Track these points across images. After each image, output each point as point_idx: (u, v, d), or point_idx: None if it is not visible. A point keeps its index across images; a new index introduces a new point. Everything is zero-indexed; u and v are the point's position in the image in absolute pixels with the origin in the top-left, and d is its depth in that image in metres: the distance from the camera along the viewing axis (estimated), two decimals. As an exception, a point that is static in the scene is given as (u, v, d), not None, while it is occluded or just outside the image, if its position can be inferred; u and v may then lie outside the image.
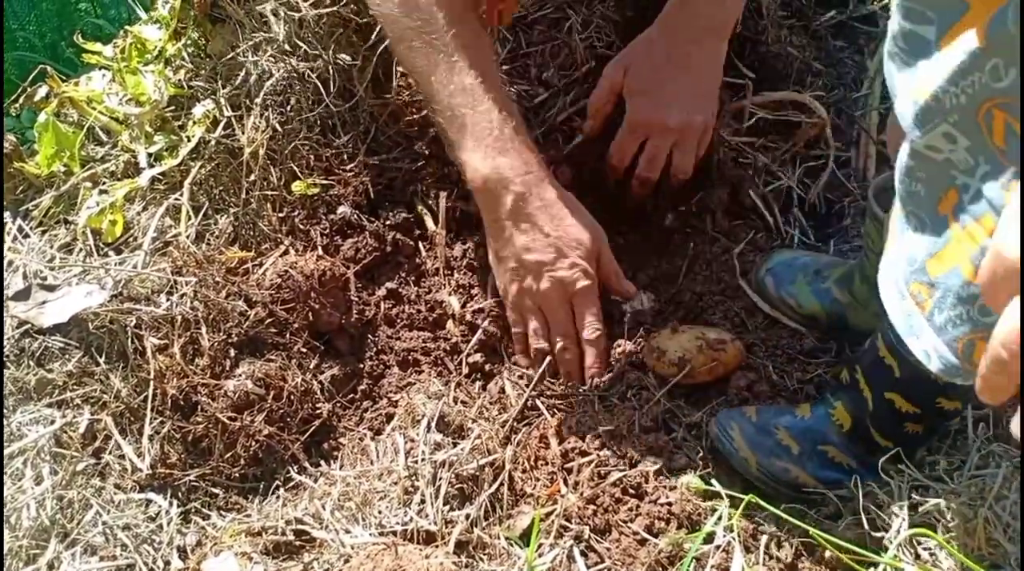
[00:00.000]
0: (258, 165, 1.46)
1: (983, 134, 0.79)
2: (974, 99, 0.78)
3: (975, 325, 0.85)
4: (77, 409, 1.29)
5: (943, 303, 0.87)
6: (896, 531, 1.07)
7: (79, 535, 1.19)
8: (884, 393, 1.12)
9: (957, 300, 0.85)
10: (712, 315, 1.43)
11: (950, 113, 0.79)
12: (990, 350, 0.65)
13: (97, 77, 1.59)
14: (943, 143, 0.83)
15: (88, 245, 1.42)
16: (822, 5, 1.80)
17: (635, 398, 1.31)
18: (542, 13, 1.56)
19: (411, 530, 1.12)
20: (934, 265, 0.88)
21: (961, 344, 0.87)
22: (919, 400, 1.11)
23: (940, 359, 0.90)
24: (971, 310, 0.84)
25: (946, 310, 0.87)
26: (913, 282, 0.91)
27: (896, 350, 1.08)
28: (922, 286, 0.90)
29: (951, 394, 1.09)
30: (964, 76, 0.77)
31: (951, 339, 0.88)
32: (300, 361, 1.37)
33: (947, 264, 0.85)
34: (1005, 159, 0.77)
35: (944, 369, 0.90)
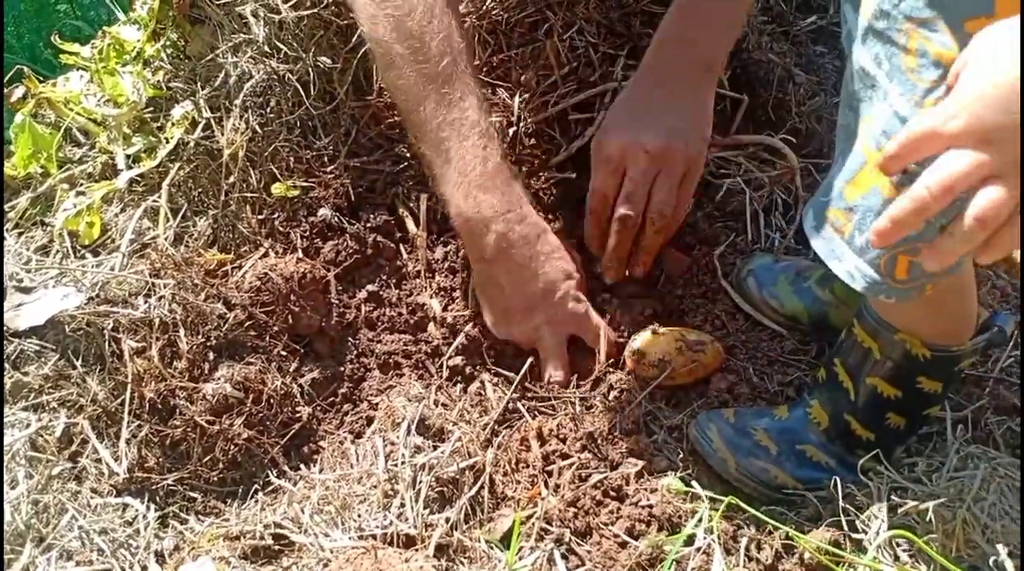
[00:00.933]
0: (237, 167, 1.45)
1: (898, 55, 0.83)
2: (898, 19, 0.81)
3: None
4: (53, 412, 1.28)
5: (863, 224, 0.91)
6: (875, 532, 1.08)
7: (55, 540, 1.17)
8: (866, 379, 1.13)
9: (876, 218, 0.87)
10: (694, 317, 1.43)
11: (880, 33, 0.83)
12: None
13: (75, 78, 1.57)
14: (872, 65, 0.86)
15: (65, 247, 1.41)
16: (802, 10, 1.81)
17: (616, 400, 1.31)
18: (523, 15, 1.56)
19: (391, 534, 1.11)
20: (851, 190, 0.92)
21: (883, 261, 0.92)
22: (900, 381, 1.12)
23: (864, 277, 0.95)
24: None
25: (866, 231, 0.91)
26: (831, 209, 0.96)
27: (872, 329, 1.10)
28: (839, 212, 0.94)
29: (931, 374, 1.10)
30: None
31: (872, 258, 0.92)
32: (280, 364, 1.37)
33: (865, 186, 0.90)
34: (916, 77, 0.81)
35: (868, 287, 0.95)
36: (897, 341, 1.08)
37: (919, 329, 1.07)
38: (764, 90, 1.65)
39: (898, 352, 1.09)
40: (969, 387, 1.28)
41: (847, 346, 1.16)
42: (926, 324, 1.07)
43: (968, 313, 1.10)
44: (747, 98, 1.62)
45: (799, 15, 1.78)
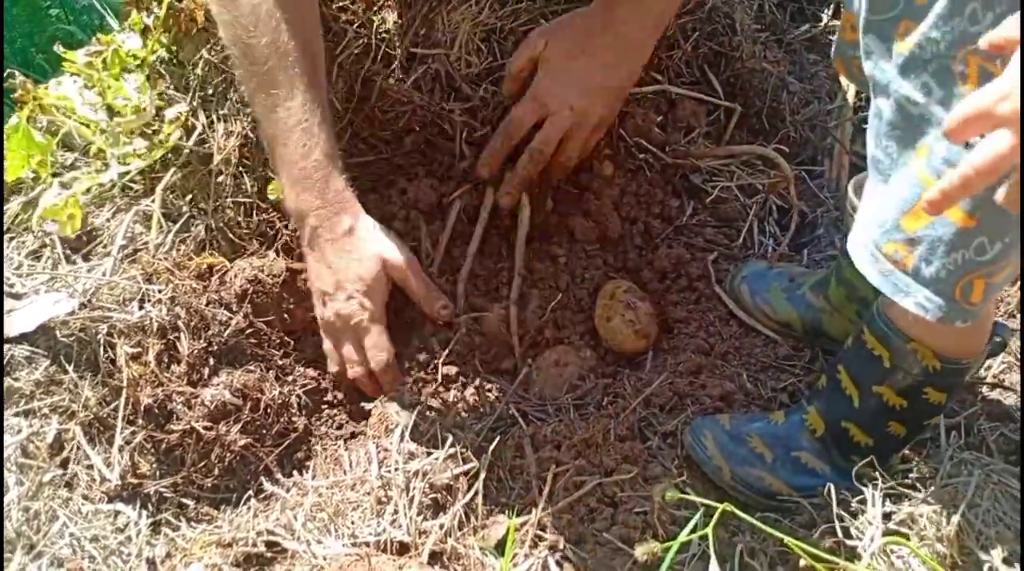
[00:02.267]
0: (230, 172, 1.45)
1: (956, 84, 0.83)
2: (952, 45, 0.81)
3: (970, 266, 0.89)
4: (44, 418, 1.27)
5: (931, 255, 0.90)
6: (870, 539, 1.07)
7: (45, 547, 1.17)
8: (872, 387, 1.12)
9: (949, 248, 0.89)
10: (687, 325, 1.43)
11: (930, 62, 0.82)
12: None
13: (67, 83, 1.57)
14: (920, 95, 0.86)
15: (56, 253, 1.40)
16: (795, 19, 1.81)
17: (611, 407, 1.31)
18: (516, 23, 1.56)
19: (384, 540, 1.11)
20: (910, 221, 0.91)
21: (959, 287, 0.91)
22: (908, 391, 1.11)
23: (938, 308, 0.93)
24: (966, 253, 0.88)
25: (936, 261, 0.90)
26: (886, 242, 0.94)
27: (885, 337, 1.09)
28: (898, 245, 0.93)
29: (939, 385, 1.10)
30: (946, 22, 0.81)
31: (946, 287, 0.91)
32: (278, 373, 1.37)
33: (927, 217, 0.89)
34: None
35: (944, 316, 0.94)
36: (909, 350, 1.07)
37: (934, 340, 1.06)
38: (758, 99, 1.65)
39: (909, 362, 1.08)
40: (962, 393, 1.29)
41: (854, 353, 1.15)
42: (943, 335, 1.06)
43: (987, 327, 1.10)
44: (740, 107, 1.62)
45: (792, 24, 1.79)
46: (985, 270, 0.90)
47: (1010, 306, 1.40)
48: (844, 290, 1.31)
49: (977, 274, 0.90)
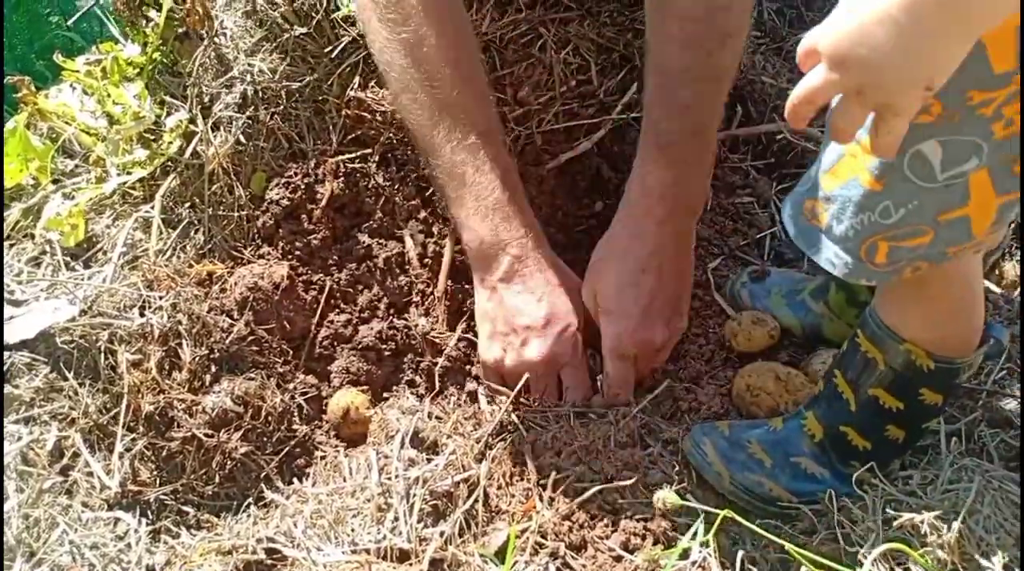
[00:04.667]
0: (227, 178, 1.46)
1: None
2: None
3: (876, 228, 0.93)
4: (44, 425, 1.26)
5: (842, 214, 0.95)
6: (871, 546, 1.07)
7: (45, 554, 1.16)
8: (868, 390, 1.13)
9: (857, 209, 0.93)
10: (688, 330, 1.43)
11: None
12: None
13: (67, 90, 1.57)
14: None
15: (56, 259, 1.40)
16: (795, 26, 1.82)
17: (611, 413, 1.31)
18: (516, 32, 1.56)
19: (384, 548, 1.10)
20: (828, 180, 0.96)
21: (864, 248, 0.95)
22: (903, 392, 1.11)
23: (844, 265, 0.98)
24: (871, 215, 0.93)
25: (846, 220, 0.95)
26: (808, 199, 0.99)
27: (878, 339, 1.10)
28: (816, 202, 0.98)
29: (934, 386, 1.10)
30: None
31: (853, 246, 0.96)
32: (279, 381, 1.37)
33: (843, 177, 0.93)
34: None
35: (849, 272, 0.98)
36: (902, 351, 1.08)
37: (926, 339, 1.07)
38: (755, 109, 1.66)
39: (903, 362, 1.09)
40: (962, 400, 1.28)
41: (849, 357, 1.15)
42: (932, 333, 1.07)
43: (976, 325, 1.10)
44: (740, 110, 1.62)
45: (792, 31, 1.79)
46: (889, 233, 0.93)
47: (1011, 312, 1.40)
48: (844, 295, 1.31)
49: (881, 236, 0.94)
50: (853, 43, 0.72)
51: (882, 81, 0.72)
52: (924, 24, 0.69)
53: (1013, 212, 0.93)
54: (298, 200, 1.49)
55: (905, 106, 0.74)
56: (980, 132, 0.84)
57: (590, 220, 1.57)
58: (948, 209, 0.91)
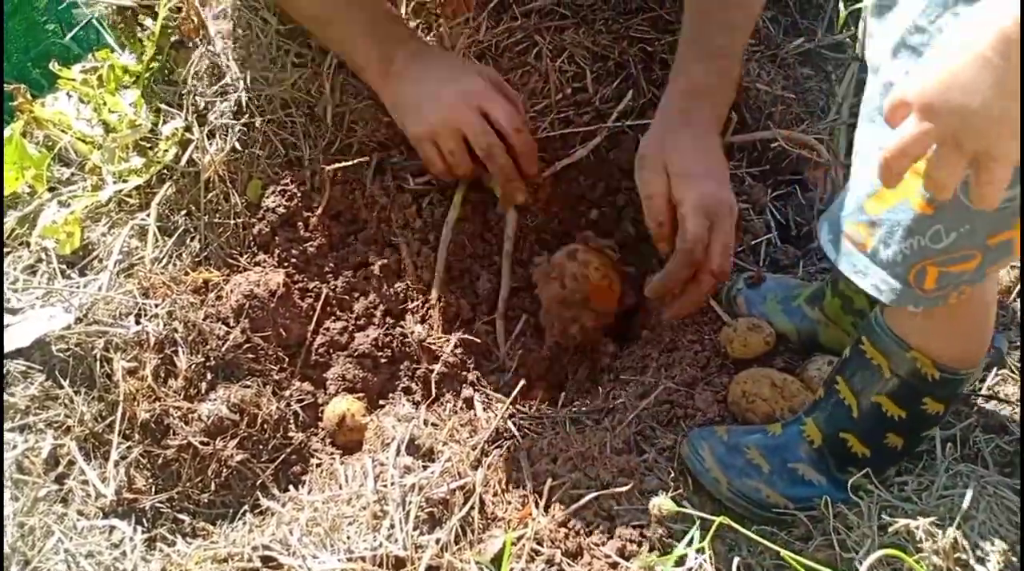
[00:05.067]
0: (223, 185, 1.46)
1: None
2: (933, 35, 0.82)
3: (926, 253, 0.91)
4: (40, 433, 1.26)
5: (890, 238, 0.93)
6: (866, 552, 1.07)
7: (40, 563, 1.16)
8: (872, 397, 1.12)
9: (907, 233, 0.91)
10: (684, 335, 1.43)
11: (915, 48, 0.84)
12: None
13: (63, 99, 1.58)
14: (900, 79, 0.86)
15: (52, 267, 1.40)
16: (789, 33, 1.82)
17: (607, 419, 1.31)
18: (511, 40, 1.57)
19: (380, 555, 1.10)
20: (874, 204, 0.93)
21: (913, 273, 0.93)
22: (907, 401, 1.11)
23: (892, 291, 0.96)
24: (922, 240, 0.90)
25: (893, 245, 0.93)
26: (849, 223, 0.97)
27: (884, 345, 1.09)
28: (860, 226, 0.96)
29: (937, 395, 1.10)
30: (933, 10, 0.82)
31: (902, 271, 0.94)
32: (275, 389, 1.36)
33: (891, 200, 0.91)
34: None
35: (896, 299, 0.96)
36: (908, 359, 1.07)
37: (933, 349, 1.06)
38: (751, 116, 1.66)
39: (908, 371, 1.08)
40: (957, 405, 1.29)
41: (852, 363, 1.15)
42: (942, 344, 1.06)
43: (986, 338, 1.10)
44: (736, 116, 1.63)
45: (786, 38, 1.79)
46: (939, 258, 0.91)
47: (1005, 318, 1.40)
48: (839, 302, 1.31)
49: (931, 261, 0.92)
50: (944, 88, 0.70)
51: (978, 126, 0.70)
52: (1013, 62, 0.67)
53: None
54: (294, 208, 1.49)
55: (1005, 151, 0.71)
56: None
57: (585, 230, 1.57)
58: (998, 231, 0.89)
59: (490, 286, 1.51)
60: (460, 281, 1.53)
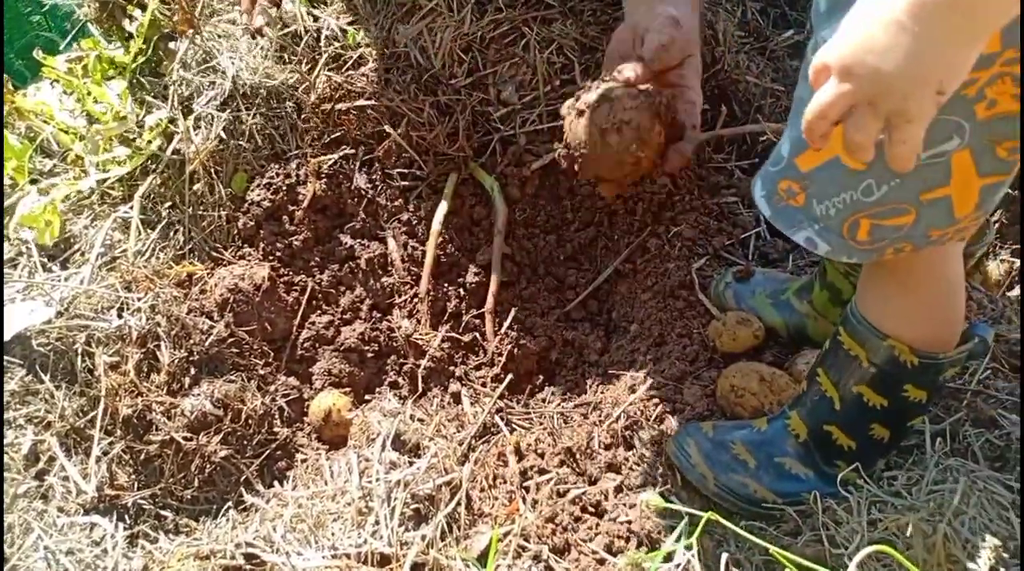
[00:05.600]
0: (207, 178, 1.44)
1: None
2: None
3: (858, 206, 0.93)
4: (20, 429, 1.25)
5: (822, 193, 0.95)
6: (856, 548, 1.06)
7: (19, 561, 1.14)
8: (852, 387, 1.12)
9: (839, 187, 0.93)
10: (672, 329, 1.42)
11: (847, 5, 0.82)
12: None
13: (46, 89, 1.55)
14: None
15: (33, 261, 1.38)
16: (779, 26, 1.81)
17: (595, 414, 1.30)
18: (498, 31, 1.55)
19: (365, 552, 1.09)
20: (806, 160, 0.95)
21: (846, 225, 0.95)
22: (887, 389, 1.11)
23: (826, 242, 0.98)
24: (854, 194, 0.93)
25: (826, 199, 0.95)
26: (781, 179, 0.98)
27: (860, 335, 1.09)
28: (791, 182, 0.97)
29: (918, 382, 1.09)
30: None
31: (835, 224, 0.96)
32: (260, 383, 1.35)
33: (822, 156, 0.93)
34: None
35: (831, 250, 0.98)
36: (885, 347, 1.07)
37: (908, 334, 1.07)
38: (740, 109, 1.65)
39: (886, 358, 1.08)
40: (947, 400, 1.28)
41: (831, 355, 1.15)
42: (914, 328, 1.07)
43: (957, 318, 1.10)
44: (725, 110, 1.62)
45: (776, 30, 1.78)
46: (871, 210, 0.93)
47: (995, 312, 1.40)
48: (828, 294, 1.30)
49: (863, 214, 0.94)
50: (860, 51, 0.72)
51: (892, 87, 0.72)
52: (932, 28, 0.68)
53: (997, 196, 0.93)
54: (280, 201, 1.47)
55: (918, 112, 0.73)
56: (962, 112, 0.84)
57: (574, 223, 1.56)
58: (930, 188, 0.90)
59: (478, 280, 1.49)
60: (448, 275, 1.51)
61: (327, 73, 1.51)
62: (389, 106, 1.49)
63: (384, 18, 1.55)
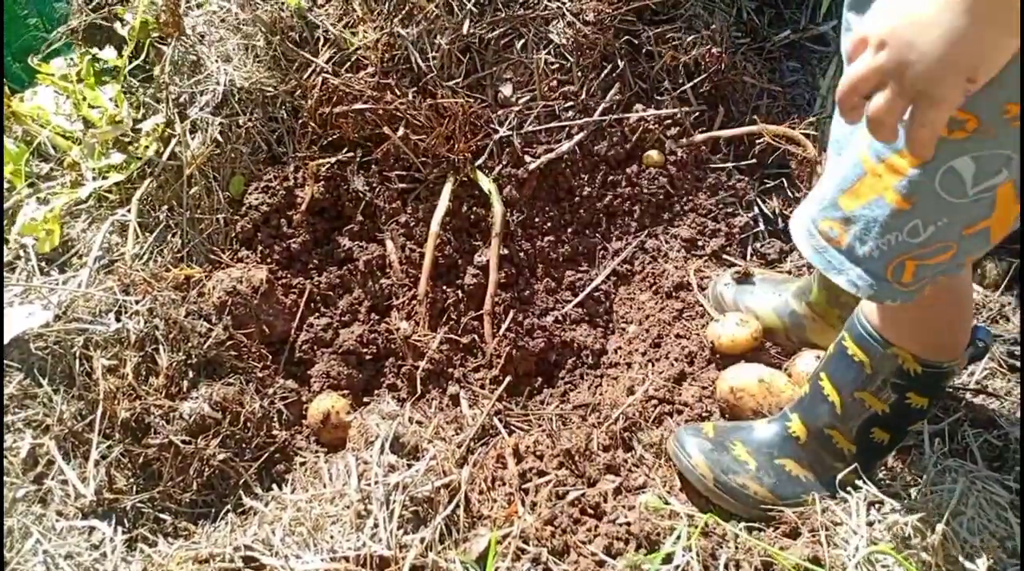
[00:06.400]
0: (205, 182, 1.44)
1: None
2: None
3: (903, 248, 0.90)
4: (18, 433, 1.24)
5: (866, 235, 0.92)
6: (854, 549, 1.07)
7: (18, 565, 1.14)
8: (854, 393, 1.12)
9: (883, 229, 0.90)
10: (671, 330, 1.42)
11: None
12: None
13: (43, 93, 1.55)
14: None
15: (31, 265, 1.38)
16: (774, 25, 1.81)
17: (594, 415, 1.30)
18: (496, 33, 1.55)
19: (364, 555, 1.09)
20: (848, 200, 0.92)
21: (891, 268, 0.93)
22: (890, 396, 1.10)
23: (869, 286, 0.95)
24: (899, 235, 0.90)
25: (870, 241, 0.92)
26: (823, 219, 0.96)
27: (865, 342, 1.09)
28: (834, 223, 0.94)
29: (921, 390, 1.09)
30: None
31: (878, 266, 0.93)
32: (258, 386, 1.35)
33: (865, 196, 0.90)
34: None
35: (874, 294, 0.95)
36: (889, 355, 1.07)
37: (913, 344, 1.06)
38: (737, 109, 1.65)
39: (890, 367, 1.08)
40: (945, 400, 1.28)
41: (835, 360, 1.14)
42: (921, 338, 1.06)
43: (964, 328, 1.09)
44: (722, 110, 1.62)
45: (772, 30, 1.79)
46: (916, 252, 0.91)
47: (992, 311, 1.40)
48: (826, 295, 1.30)
49: (909, 256, 0.91)
50: (901, 23, 0.70)
51: (924, 63, 0.70)
52: (974, 7, 0.67)
53: None
54: (277, 204, 1.47)
55: (944, 95, 0.71)
56: (1012, 144, 0.82)
57: (572, 224, 1.56)
58: (974, 222, 0.88)
59: (476, 281, 1.49)
60: (446, 277, 1.51)
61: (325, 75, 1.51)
62: (387, 109, 1.48)
63: (383, 19, 1.55)
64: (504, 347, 1.45)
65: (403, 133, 1.49)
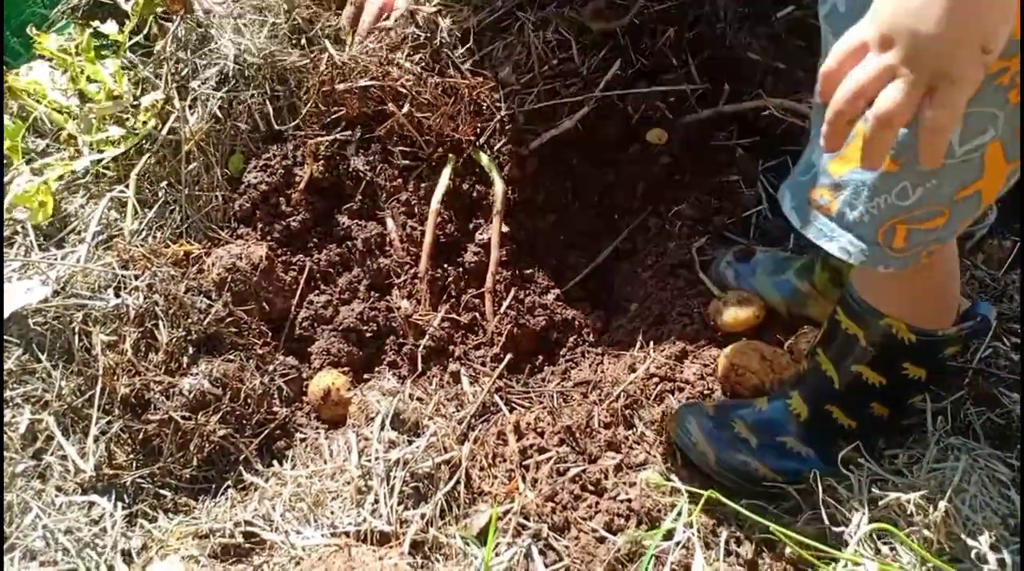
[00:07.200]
0: (203, 158, 1.43)
1: None
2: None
3: (893, 211, 0.89)
4: (17, 408, 1.24)
5: (855, 199, 0.91)
6: (856, 526, 1.06)
7: (18, 539, 1.14)
8: (851, 367, 1.12)
9: (872, 192, 0.89)
10: (672, 308, 1.41)
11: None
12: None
13: (39, 68, 1.54)
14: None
15: (28, 240, 1.37)
16: (779, 1, 1.79)
17: (595, 392, 1.29)
18: (493, 16, 1.54)
19: (364, 530, 1.09)
20: (837, 165, 0.91)
21: (881, 232, 0.92)
22: (886, 367, 1.10)
23: (861, 252, 0.94)
24: (888, 198, 0.89)
25: (859, 205, 0.91)
26: (812, 188, 0.95)
27: (857, 314, 1.08)
28: (824, 190, 0.94)
29: (916, 360, 1.09)
30: None
31: (869, 231, 0.92)
32: (258, 362, 1.34)
33: (854, 160, 0.89)
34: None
35: (867, 260, 0.94)
36: (883, 326, 1.07)
37: (904, 313, 1.06)
38: (741, 85, 1.63)
39: (884, 337, 1.07)
40: (948, 378, 1.28)
41: (830, 334, 1.14)
42: (911, 307, 1.06)
43: (952, 295, 1.09)
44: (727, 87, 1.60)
45: (776, 5, 1.76)
46: (907, 215, 0.90)
47: (996, 290, 1.39)
48: (828, 274, 1.30)
49: (899, 219, 0.91)
50: (896, 17, 0.70)
51: (933, 46, 0.69)
52: None
53: (1015, 178, 0.90)
54: (276, 182, 1.46)
55: (962, 72, 0.70)
56: (997, 102, 0.81)
57: (574, 202, 1.55)
58: (965, 185, 0.88)
59: (477, 259, 1.48)
60: (447, 255, 1.50)
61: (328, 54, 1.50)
62: (392, 86, 1.47)
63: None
64: (505, 325, 1.44)
65: (407, 110, 1.47)
